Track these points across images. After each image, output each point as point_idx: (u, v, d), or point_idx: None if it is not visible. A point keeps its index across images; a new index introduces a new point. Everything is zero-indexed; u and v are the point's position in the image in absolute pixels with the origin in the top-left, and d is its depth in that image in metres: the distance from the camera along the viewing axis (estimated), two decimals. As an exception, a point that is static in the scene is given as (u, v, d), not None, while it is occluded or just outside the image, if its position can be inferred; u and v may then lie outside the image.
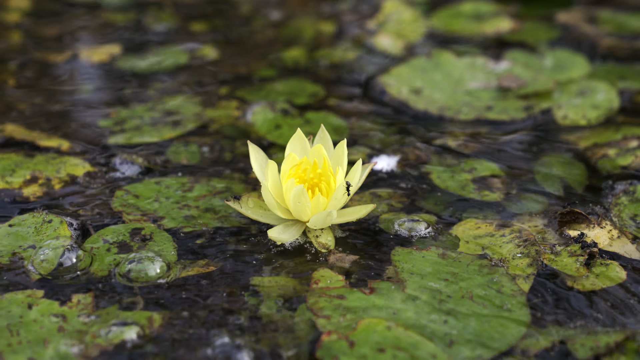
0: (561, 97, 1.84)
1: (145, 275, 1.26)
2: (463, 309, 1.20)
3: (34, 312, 1.19)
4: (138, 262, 1.27)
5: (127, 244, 1.33)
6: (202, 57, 2.07)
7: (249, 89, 1.90)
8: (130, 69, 1.99)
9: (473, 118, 1.78)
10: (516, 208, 1.45)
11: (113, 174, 1.54)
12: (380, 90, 1.87)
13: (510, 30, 2.22)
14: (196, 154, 1.62)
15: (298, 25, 2.28)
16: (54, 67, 2.01)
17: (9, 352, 1.12)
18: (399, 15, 2.28)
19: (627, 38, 2.16)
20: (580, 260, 1.29)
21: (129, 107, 1.80)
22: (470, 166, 1.58)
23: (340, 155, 1.36)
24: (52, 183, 1.49)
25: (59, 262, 1.27)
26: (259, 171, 1.38)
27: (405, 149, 1.64)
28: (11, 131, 1.67)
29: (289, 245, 1.34)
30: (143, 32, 2.22)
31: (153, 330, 1.16)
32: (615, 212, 1.43)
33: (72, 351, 1.13)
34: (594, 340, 1.15)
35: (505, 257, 1.31)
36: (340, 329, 1.15)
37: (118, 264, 1.28)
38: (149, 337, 1.15)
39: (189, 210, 1.42)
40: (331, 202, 1.32)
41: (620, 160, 1.58)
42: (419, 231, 1.37)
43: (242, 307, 1.21)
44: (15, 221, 1.37)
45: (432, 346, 1.13)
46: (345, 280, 1.25)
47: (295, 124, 1.72)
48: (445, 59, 1.96)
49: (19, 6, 2.34)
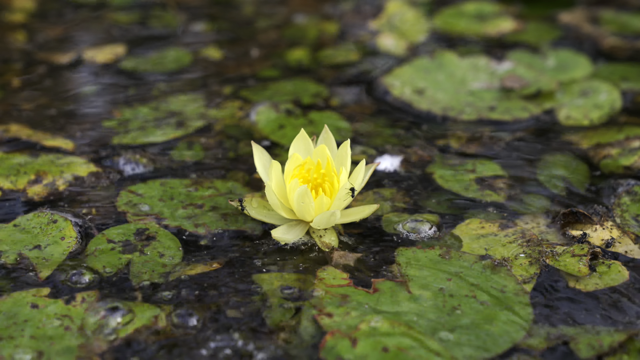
0: (564, 98, 1.84)
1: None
2: (466, 308, 1.20)
3: (39, 310, 1.19)
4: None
5: (131, 243, 1.34)
6: (205, 57, 2.08)
7: (252, 89, 1.90)
8: (134, 69, 2.00)
9: (476, 118, 1.78)
10: (519, 208, 1.46)
11: (117, 174, 1.55)
12: (384, 91, 1.88)
13: (513, 31, 2.22)
14: (200, 153, 1.63)
15: (301, 26, 2.29)
16: (58, 67, 2.01)
17: (15, 351, 1.13)
18: (402, 15, 2.29)
19: (629, 38, 2.16)
20: (583, 260, 1.30)
21: (133, 107, 1.80)
22: (473, 166, 1.58)
23: (344, 155, 1.36)
24: (56, 183, 1.50)
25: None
26: (262, 171, 1.39)
27: (408, 149, 1.64)
28: (16, 131, 1.68)
29: (293, 245, 1.35)
30: (147, 32, 2.22)
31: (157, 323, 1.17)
32: (617, 212, 1.44)
33: (76, 347, 1.13)
34: (596, 340, 1.15)
35: (508, 257, 1.31)
36: (344, 328, 1.16)
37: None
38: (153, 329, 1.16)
39: (193, 210, 1.43)
40: (335, 202, 1.32)
41: (623, 160, 1.58)
42: (422, 231, 1.38)
43: (245, 306, 1.21)
44: (20, 221, 1.38)
45: (435, 345, 1.14)
46: (349, 279, 1.26)
47: (298, 124, 1.72)
48: (448, 60, 1.97)
49: (23, 7, 2.34)
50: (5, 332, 1.16)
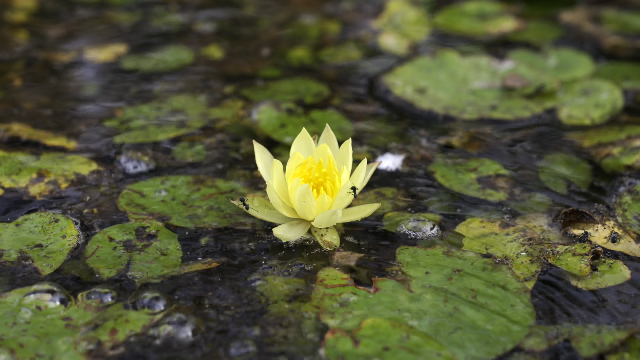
0: (565, 97, 1.84)
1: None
2: (467, 307, 1.20)
3: (39, 310, 1.19)
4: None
5: (132, 242, 1.34)
6: (207, 56, 2.08)
7: (254, 88, 1.91)
8: (135, 68, 2.00)
9: (477, 117, 1.78)
10: (520, 207, 1.46)
11: (119, 173, 1.55)
12: (385, 90, 1.88)
13: (515, 30, 2.22)
14: (201, 152, 1.63)
15: (303, 25, 2.29)
16: (59, 66, 2.01)
17: (17, 350, 1.13)
18: (403, 14, 2.29)
19: (631, 37, 2.16)
20: (585, 259, 1.30)
21: (134, 107, 1.80)
22: (475, 165, 1.58)
23: (345, 154, 1.36)
24: (58, 182, 1.50)
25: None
26: (264, 170, 1.39)
27: (410, 148, 1.64)
28: (17, 130, 1.68)
29: (294, 243, 1.35)
30: (148, 31, 2.23)
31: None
32: (619, 211, 1.44)
33: (78, 347, 1.13)
34: (598, 339, 1.15)
35: (510, 256, 1.31)
36: (345, 327, 1.16)
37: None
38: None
39: (195, 209, 1.43)
40: (336, 201, 1.32)
41: (625, 159, 1.58)
42: (424, 230, 1.38)
43: (246, 305, 1.21)
44: (22, 220, 1.38)
45: (436, 344, 1.14)
46: (350, 278, 1.26)
47: (300, 123, 1.72)
48: (450, 59, 1.97)
49: (25, 6, 2.34)
50: (6, 331, 1.16)
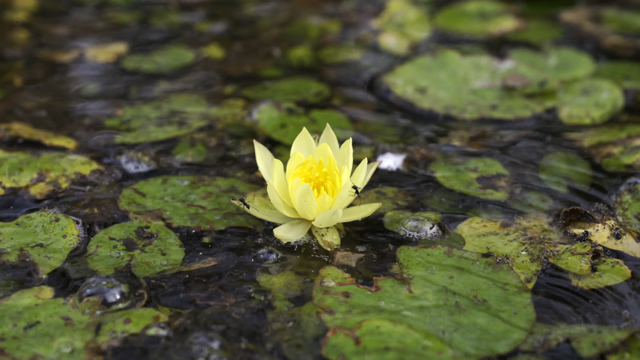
0: (565, 96, 1.84)
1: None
2: (468, 306, 1.20)
3: (41, 309, 1.19)
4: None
5: (133, 241, 1.34)
6: (207, 56, 2.08)
7: (254, 88, 1.91)
8: (136, 68, 2.00)
9: (478, 117, 1.78)
10: (521, 206, 1.46)
11: (119, 173, 1.55)
12: (385, 90, 1.88)
13: (515, 29, 2.22)
14: (202, 152, 1.63)
15: (303, 25, 2.29)
16: (60, 66, 2.02)
17: (16, 350, 1.13)
18: (404, 14, 2.29)
19: (631, 37, 2.16)
20: (585, 258, 1.30)
21: (135, 106, 1.81)
22: (475, 165, 1.58)
23: (346, 154, 1.36)
24: (58, 182, 1.50)
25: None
26: (264, 170, 1.39)
27: (410, 147, 1.64)
28: (18, 130, 1.68)
29: (295, 243, 1.35)
30: (149, 31, 2.23)
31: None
32: (619, 210, 1.44)
33: (78, 347, 1.13)
34: (598, 339, 1.15)
35: (510, 256, 1.31)
36: (346, 326, 1.16)
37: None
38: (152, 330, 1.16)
39: (195, 209, 1.43)
40: (337, 201, 1.32)
41: (625, 158, 1.58)
42: (424, 229, 1.38)
43: (247, 304, 1.21)
44: (22, 219, 1.38)
45: (437, 344, 1.14)
46: (351, 278, 1.26)
47: (300, 122, 1.72)
48: (450, 58, 1.97)
49: (25, 5, 2.35)
50: (6, 331, 1.16)
